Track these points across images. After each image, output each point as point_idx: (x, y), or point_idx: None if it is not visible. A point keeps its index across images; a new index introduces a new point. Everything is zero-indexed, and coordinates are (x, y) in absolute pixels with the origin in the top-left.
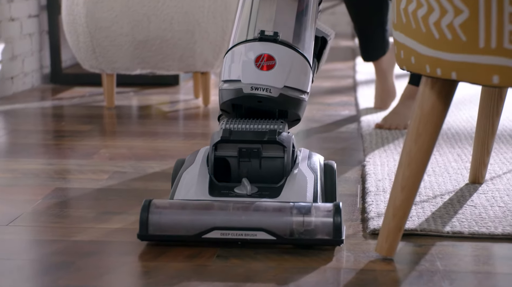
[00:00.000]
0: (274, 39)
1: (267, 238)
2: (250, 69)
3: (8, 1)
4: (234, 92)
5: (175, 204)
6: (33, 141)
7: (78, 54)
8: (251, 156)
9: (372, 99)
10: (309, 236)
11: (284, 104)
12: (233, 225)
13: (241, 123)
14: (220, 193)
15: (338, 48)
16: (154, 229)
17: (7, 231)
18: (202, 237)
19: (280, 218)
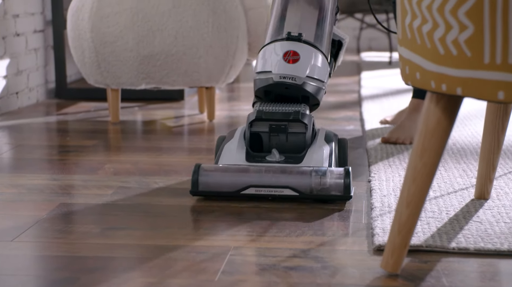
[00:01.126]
0: (299, 38)
1: (292, 194)
2: (279, 62)
3: (14, 17)
4: (266, 81)
5: (219, 167)
6: (38, 156)
7: (83, 69)
8: (280, 131)
9: (378, 114)
10: (325, 192)
11: (306, 91)
12: (265, 183)
13: (271, 106)
14: (255, 160)
15: (343, 63)
16: (203, 187)
17: (12, 246)
18: (240, 193)
19: (302, 178)
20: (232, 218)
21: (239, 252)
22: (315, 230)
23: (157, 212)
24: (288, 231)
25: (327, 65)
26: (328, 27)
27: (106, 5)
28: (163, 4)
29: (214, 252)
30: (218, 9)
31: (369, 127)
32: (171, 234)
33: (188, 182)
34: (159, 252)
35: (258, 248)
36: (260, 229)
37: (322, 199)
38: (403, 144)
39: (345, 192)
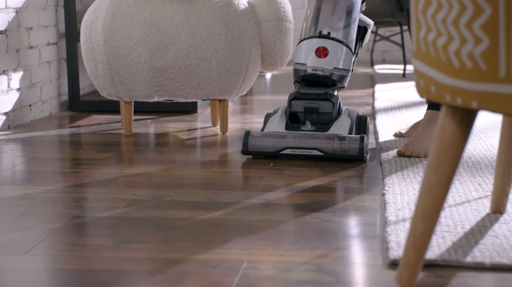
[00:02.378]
0: (328, 36)
1: (319, 154)
2: (311, 57)
3: (27, 29)
4: (302, 72)
5: (264, 133)
6: (51, 169)
7: (96, 82)
8: (312, 112)
9: (393, 127)
10: (344, 153)
11: (333, 79)
12: (298, 145)
13: (306, 89)
14: (292, 129)
15: (357, 75)
16: (251, 148)
17: (25, 260)
18: (280, 153)
19: (327, 142)
20: (246, 231)
21: (252, 265)
22: (329, 243)
23: (170, 225)
24: (302, 244)
25: (351, 55)
26: (354, 21)
27: (119, 18)
28: (176, 17)
29: (227, 266)
30: (231, 22)
31: (383, 140)
32: (184, 248)
33: (201, 195)
34: (172, 265)
35: (272, 261)
36: (273, 243)
37: (342, 159)
38: (418, 157)
39: (359, 153)
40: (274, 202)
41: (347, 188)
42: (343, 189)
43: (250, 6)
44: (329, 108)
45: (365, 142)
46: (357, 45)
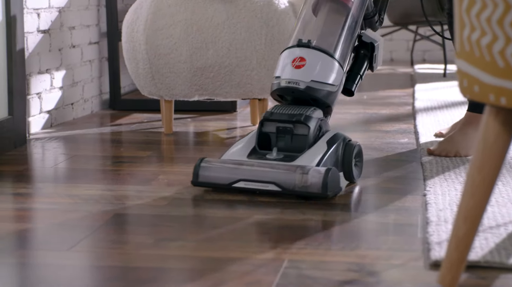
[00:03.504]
0: (307, 45)
1: (276, 189)
2: (287, 68)
3: (70, 29)
4: (276, 85)
5: (218, 161)
6: (92, 166)
7: (137, 81)
8: (286, 133)
9: (433, 127)
10: (306, 189)
11: (310, 94)
12: (253, 178)
13: (282, 109)
14: (255, 157)
15: (396, 75)
16: (202, 179)
17: (68, 256)
18: (232, 186)
19: (287, 175)
20: (286, 230)
21: (293, 265)
22: (370, 243)
23: (211, 224)
24: (342, 244)
25: (337, 68)
26: (349, 33)
27: (160, 17)
28: (217, 16)
29: (268, 265)
30: (271, 21)
31: (423, 140)
32: (225, 246)
33: (242, 194)
34: (213, 264)
35: (312, 261)
36: (314, 242)
37: (303, 196)
38: (447, 157)
39: (322, 190)
40: (314, 201)
41: (388, 188)
42: (384, 189)
43: (290, 5)
44: (304, 131)
45: (331, 177)
46: (359, 64)
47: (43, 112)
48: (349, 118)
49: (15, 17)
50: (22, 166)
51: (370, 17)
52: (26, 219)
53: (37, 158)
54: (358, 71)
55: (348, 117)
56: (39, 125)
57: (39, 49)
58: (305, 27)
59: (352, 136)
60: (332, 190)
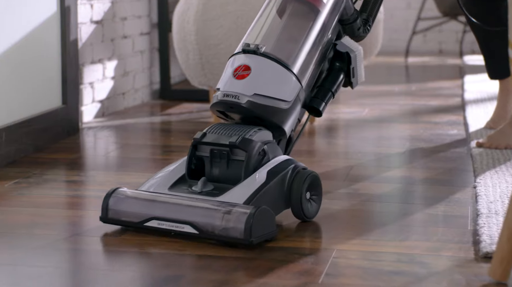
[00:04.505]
0: (254, 51)
1: (193, 232)
2: (227, 79)
3: (122, 19)
4: (214, 99)
5: (131, 194)
6: (143, 155)
7: (187, 71)
8: (221, 157)
9: (483, 119)
10: (225, 233)
11: (253, 111)
12: (167, 216)
13: (218, 129)
14: (178, 189)
15: (445, 66)
16: (112, 214)
17: (119, 243)
18: (143, 225)
19: (205, 215)
20: (334, 221)
21: (342, 254)
22: (419, 234)
23: None
24: (391, 235)
25: (292, 81)
26: (315, 40)
27: (210, 8)
28: None
29: (317, 255)
30: None
31: (473, 132)
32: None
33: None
34: (263, 253)
35: (361, 251)
36: (363, 233)
37: (224, 241)
38: (497, 149)
39: (245, 235)
40: (362, 192)
41: (437, 180)
42: (433, 180)
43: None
44: (242, 157)
45: (258, 218)
46: (331, 78)
47: (95, 101)
48: (397, 109)
49: (69, 8)
50: (75, 154)
51: (350, 22)
52: (79, 206)
53: (89, 146)
54: (329, 87)
55: (396, 108)
56: (91, 114)
57: (92, 40)
58: (259, 31)
59: (400, 128)
60: (258, 235)
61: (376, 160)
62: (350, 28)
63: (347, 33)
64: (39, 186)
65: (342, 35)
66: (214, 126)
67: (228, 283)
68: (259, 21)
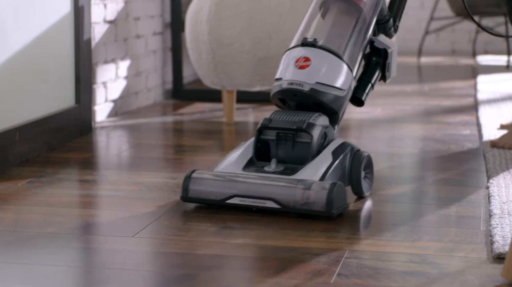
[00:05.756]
0: (313, 44)
1: (274, 207)
2: (290, 69)
3: (135, 19)
4: (277, 88)
5: (210, 175)
6: (155, 155)
7: (200, 71)
8: (286, 140)
9: (496, 119)
10: (308, 207)
11: (315, 97)
12: (249, 193)
13: (282, 115)
14: (252, 169)
15: (458, 66)
16: (193, 194)
17: (133, 242)
18: (225, 202)
19: (286, 191)
20: (347, 221)
21: (354, 255)
22: (432, 235)
23: (273, 212)
24: (403, 235)
25: (346, 71)
26: (360, 36)
27: (224, 8)
28: (280, 6)
29: (329, 255)
30: None
31: (486, 132)
32: (287, 235)
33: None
34: (275, 252)
35: (373, 251)
36: (375, 233)
37: (305, 214)
38: (510, 149)
39: (326, 208)
40: (375, 192)
41: (450, 180)
42: (446, 180)
43: None
44: (307, 139)
45: (336, 193)
46: (370, 72)
47: (108, 101)
48: (410, 109)
49: (83, 7)
50: (87, 153)
51: (384, 22)
52: (92, 205)
53: (102, 145)
54: (369, 79)
55: (409, 108)
56: (104, 113)
57: (105, 39)
58: (311, 26)
59: (413, 128)
60: (338, 207)
61: (388, 160)
62: (384, 27)
63: (381, 32)
64: (52, 185)
65: (377, 34)
66: (277, 113)
67: (240, 283)
68: (309, 19)
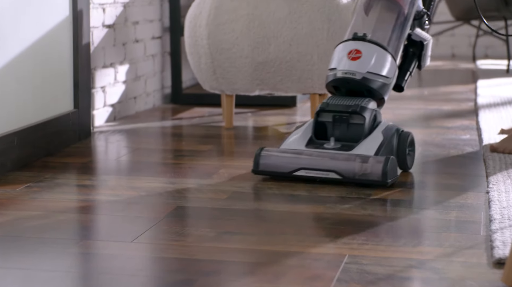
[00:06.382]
0: (363, 38)
1: (336, 177)
2: (343, 60)
3: (134, 23)
4: (332, 76)
5: (278, 151)
6: (154, 160)
7: (199, 75)
8: (341, 122)
9: (496, 124)
10: (366, 177)
11: (366, 85)
12: (314, 166)
13: (337, 100)
14: (313, 146)
15: (458, 71)
16: (263, 167)
17: (132, 247)
18: (293, 174)
19: (347, 164)
20: (346, 226)
21: (354, 260)
22: (432, 240)
23: (272, 218)
24: (403, 240)
25: (390, 61)
26: (400, 30)
27: (223, 12)
28: (279, 11)
29: (329, 260)
30: (333, 16)
31: (486, 137)
32: (286, 240)
33: (302, 188)
34: (274, 257)
35: (373, 257)
36: (375, 238)
37: (363, 184)
38: (510, 154)
39: (382, 178)
40: (375, 197)
41: (450, 185)
42: (446, 185)
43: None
44: (360, 120)
45: (390, 165)
46: (408, 61)
47: (107, 105)
48: (410, 114)
49: (81, 12)
50: (86, 158)
51: (419, 17)
52: (90, 210)
53: (101, 150)
54: (408, 68)
55: (409, 113)
56: (103, 118)
57: (104, 44)
58: (359, 23)
59: (413, 132)
60: (391, 177)
61: None
62: (419, 21)
63: (417, 26)
64: (51, 190)
65: (414, 27)
66: (333, 98)
67: None
68: (357, 16)
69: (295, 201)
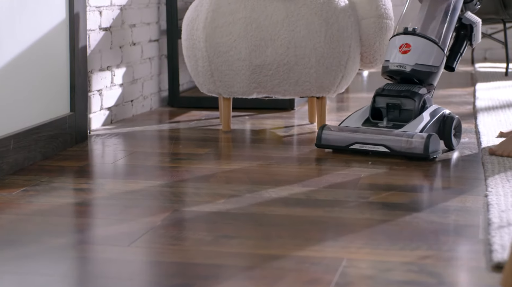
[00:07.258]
0: (413, 32)
1: (386, 151)
2: (395, 53)
3: (131, 26)
4: (386, 68)
5: (337, 127)
6: (151, 163)
7: (196, 78)
8: (394, 108)
9: (495, 126)
10: (410, 151)
11: (415, 76)
12: (366, 141)
13: (391, 86)
14: (368, 124)
15: (457, 74)
16: (324, 141)
17: (128, 251)
18: (349, 148)
19: (395, 139)
20: (344, 229)
21: (352, 264)
22: (430, 244)
23: (269, 221)
24: (402, 244)
25: (438, 52)
26: (449, 20)
27: (220, 15)
28: (276, 14)
29: (326, 264)
30: (330, 19)
31: (485, 140)
32: (283, 244)
33: (299, 192)
34: (271, 261)
35: (371, 260)
36: (373, 242)
37: (408, 156)
38: (509, 157)
39: (424, 151)
40: (373, 200)
41: (448, 188)
42: (444, 189)
43: (350, 3)
44: (411, 105)
45: (432, 141)
46: (459, 44)
47: (103, 109)
48: None
49: (78, 14)
50: (83, 162)
51: (469, 1)
52: (87, 214)
53: (98, 154)
54: (458, 49)
55: None
56: (99, 121)
57: (101, 47)
58: (410, 15)
59: None
60: (433, 152)
61: (386, 168)
62: (469, 5)
63: (467, 9)
64: (47, 194)
65: (464, 11)
66: (388, 85)
67: None
68: (407, 11)
69: (292, 205)
